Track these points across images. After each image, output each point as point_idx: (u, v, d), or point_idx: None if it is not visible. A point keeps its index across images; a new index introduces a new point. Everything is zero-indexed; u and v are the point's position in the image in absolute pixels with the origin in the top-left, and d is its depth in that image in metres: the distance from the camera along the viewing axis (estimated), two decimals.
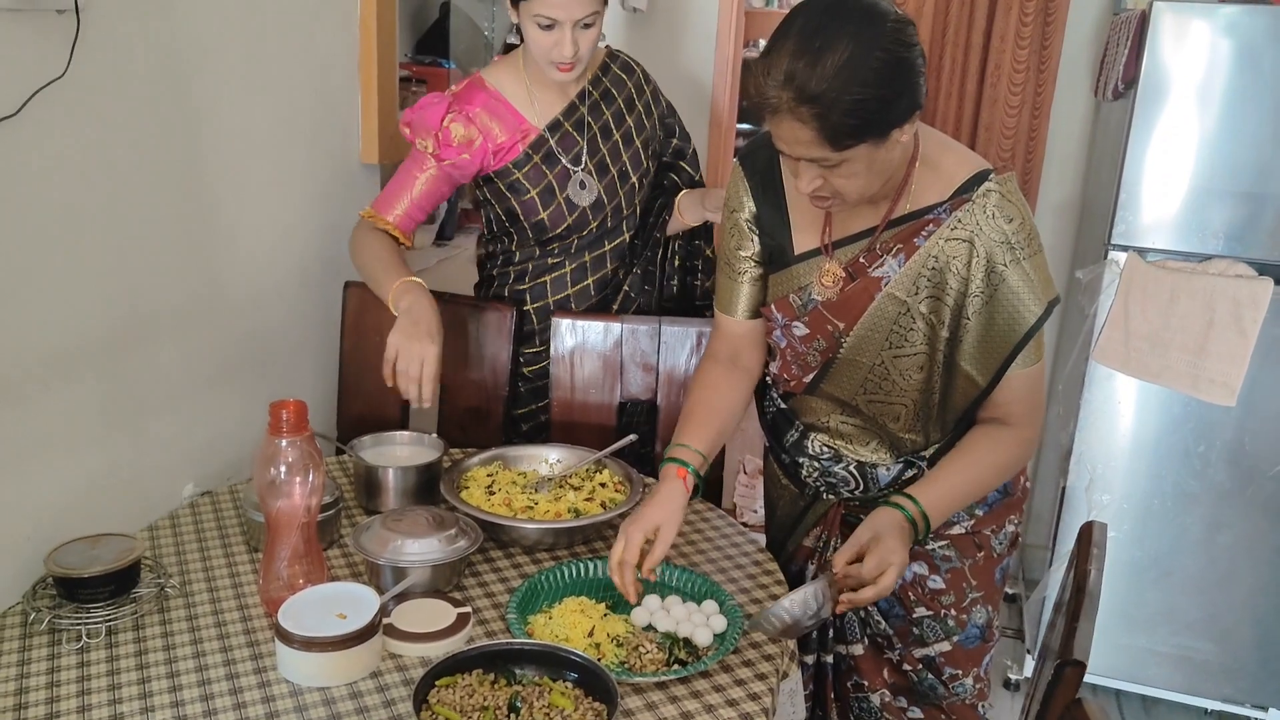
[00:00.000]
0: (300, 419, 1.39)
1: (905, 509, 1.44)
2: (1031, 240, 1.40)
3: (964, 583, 1.63)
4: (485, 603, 1.48)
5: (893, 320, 1.45)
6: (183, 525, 1.65)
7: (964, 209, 1.38)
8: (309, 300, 2.05)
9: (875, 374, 1.50)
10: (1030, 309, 1.40)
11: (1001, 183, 1.39)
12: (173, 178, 1.63)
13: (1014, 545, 1.69)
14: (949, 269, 1.39)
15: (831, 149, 1.27)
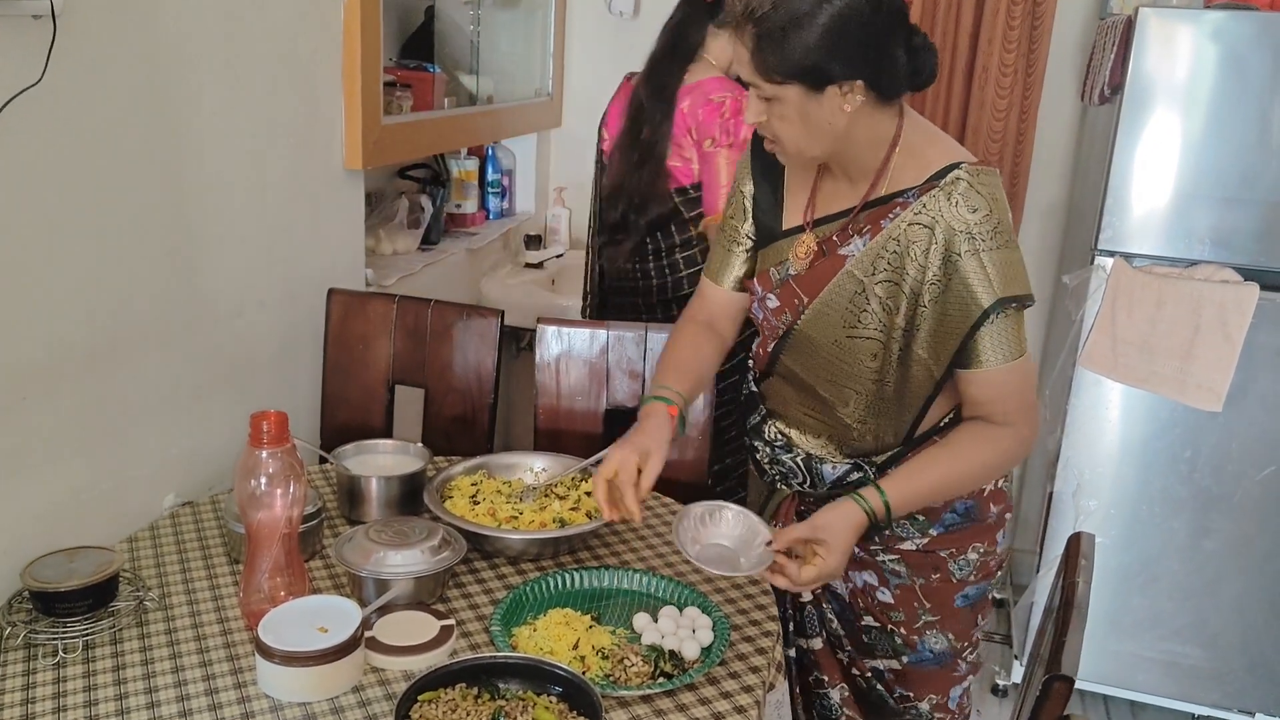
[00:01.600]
0: (281, 430, 1.38)
1: (867, 505, 1.41)
2: (997, 233, 1.36)
3: (915, 602, 1.60)
4: (469, 614, 1.46)
5: (849, 298, 1.45)
6: (163, 536, 1.63)
7: (930, 194, 1.38)
8: (292, 308, 2.03)
9: (830, 354, 1.49)
10: (979, 301, 1.37)
11: (974, 173, 1.38)
12: (153, 186, 1.61)
13: (987, 575, 1.62)
14: (908, 254, 1.40)
15: (762, 77, 1.33)
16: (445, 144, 2.65)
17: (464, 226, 3.03)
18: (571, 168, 3.51)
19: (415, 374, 2.04)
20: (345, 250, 2.21)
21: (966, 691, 1.69)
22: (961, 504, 1.56)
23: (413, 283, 2.48)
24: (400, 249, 2.61)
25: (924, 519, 1.56)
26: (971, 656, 1.66)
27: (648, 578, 1.54)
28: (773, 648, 1.44)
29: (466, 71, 2.89)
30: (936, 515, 1.56)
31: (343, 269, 2.20)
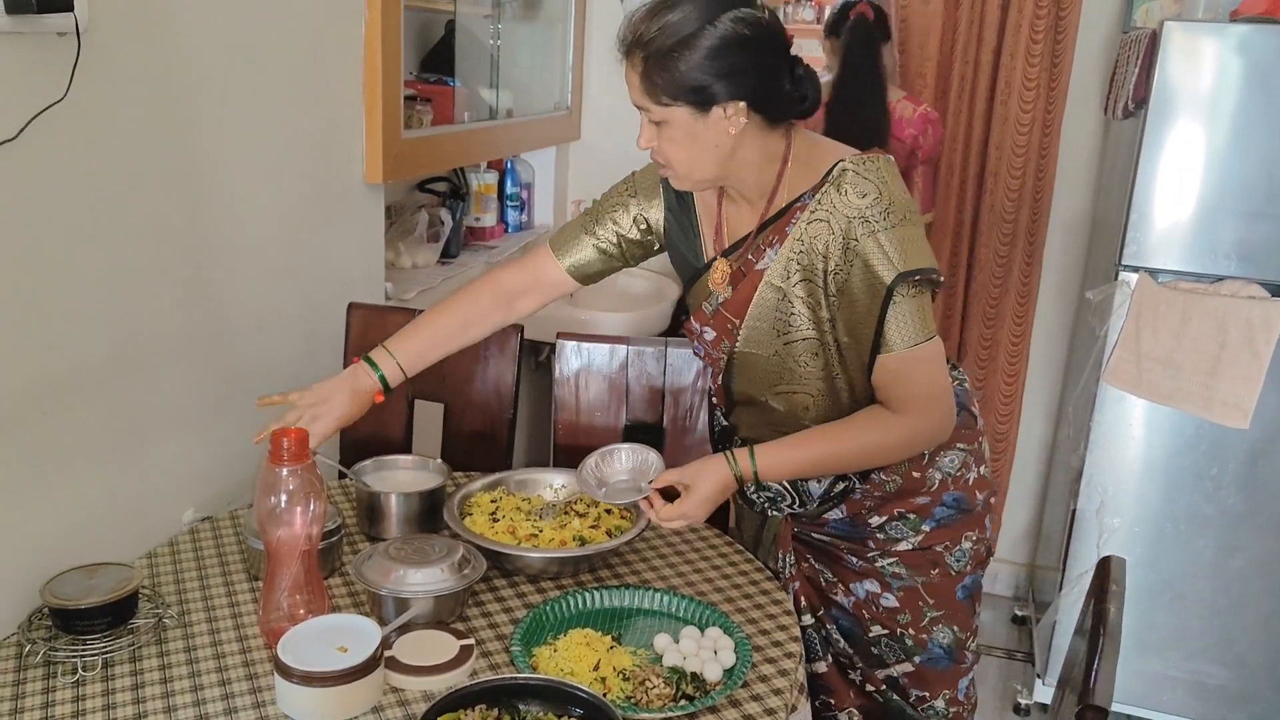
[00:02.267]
0: (301, 447, 1.37)
1: (735, 466, 1.48)
2: (891, 213, 1.39)
3: (919, 601, 1.61)
4: (489, 634, 1.45)
5: (774, 307, 1.48)
6: (182, 552, 1.63)
7: (822, 191, 1.43)
8: (312, 322, 2.03)
9: (774, 365, 1.52)
10: (882, 279, 1.39)
11: (859, 162, 1.42)
12: (174, 200, 1.61)
13: (980, 563, 1.64)
14: (813, 250, 1.43)
15: (651, 100, 1.39)
16: (465, 157, 2.64)
17: (483, 240, 3.02)
18: (590, 181, 3.50)
19: (435, 389, 2.03)
20: (365, 264, 2.21)
21: (972, 682, 1.70)
22: (950, 495, 1.58)
23: (431, 296, 2.48)
24: (420, 262, 2.61)
25: (915, 517, 1.58)
26: (974, 645, 1.68)
27: (668, 597, 1.53)
28: (795, 668, 1.42)
29: (486, 85, 2.89)
30: (927, 511, 1.58)
31: (362, 283, 2.20)
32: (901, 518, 1.59)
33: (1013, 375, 3.13)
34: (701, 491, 1.49)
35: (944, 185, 3.04)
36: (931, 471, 1.58)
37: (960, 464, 1.59)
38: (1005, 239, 3.00)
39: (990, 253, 3.02)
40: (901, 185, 1.44)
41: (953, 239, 3.06)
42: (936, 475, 1.58)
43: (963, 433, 1.59)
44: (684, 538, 1.76)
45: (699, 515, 1.50)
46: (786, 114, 1.45)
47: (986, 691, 2.87)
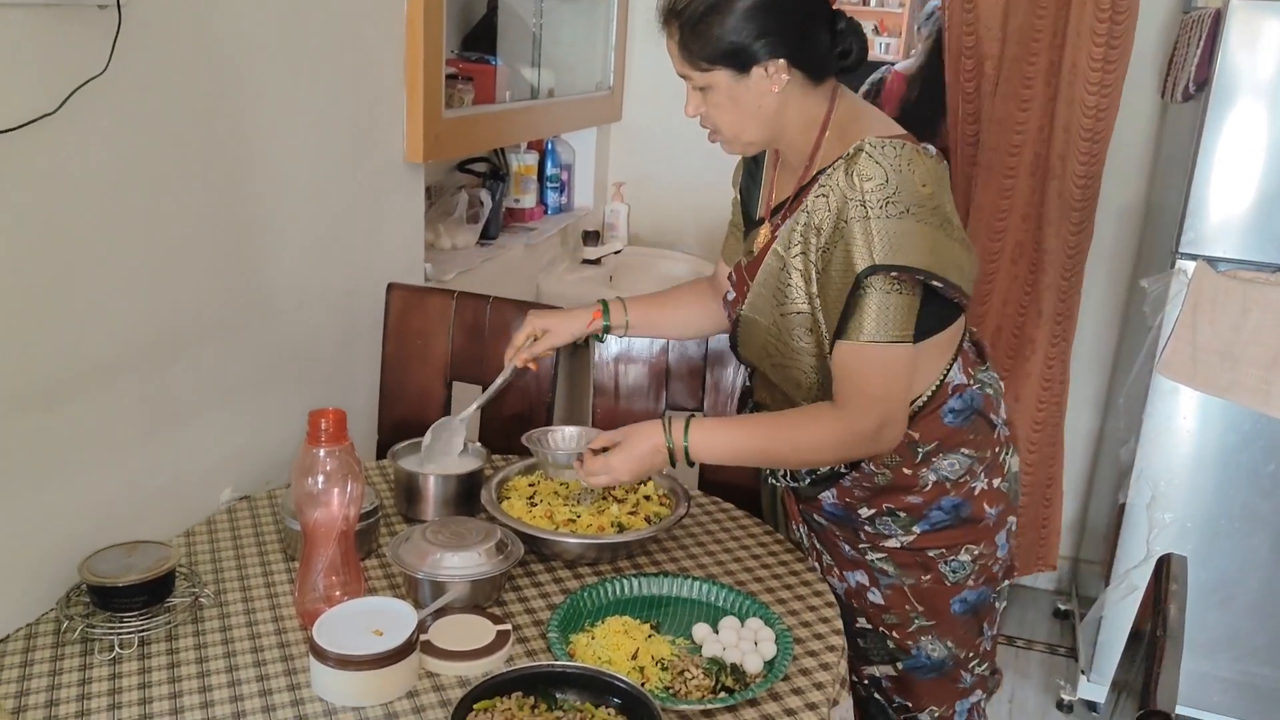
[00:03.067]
0: (339, 428, 1.35)
1: (668, 436, 1.45)
2: (892, 202, 1.33)
3: (906, 603, 1.56)
4: (526, 619, 1.43)
5: (775, 276, 1.46)
6: (219, 531, 1.62)
7: (833, 166, 1.39)
8: (351, 302, 2.01)
9: (772, 336, 1.49)
10: (855, 265, 1.34)
11: (877, 145, 1.36)
12: (214, 177, 1.60)
13: (988, 580, 1.57)
14: (812, 225, 1.41)
15: (691, 67, 1.40)
16: (506, 138, 2.62)
17: (522, 221, 3.00)
18: (631, 162, 3.48)
19: (473, 370, 2.01)
20: (405, 244, 2.19)
21: (978, 708, 1.63)
22: (949, 500, 1.52)
23: (471, 278, 2.46)
24: (459, 244, 2.59)
25: (906, 515, 1.53)
26: (980, 669, 1.61)
27: (708, 586, 1.50)
28: (837, 662, 1.39)
29: (528, 64, 2.86)
30: (919, 512, 1.52)
31: (402, 263, 2.18)
32: (891, 514, 1.54)
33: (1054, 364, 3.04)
34: (629, 448, 1.47)
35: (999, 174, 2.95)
36: (925, 471, 1.51)
37: (964, 470, 1.51)
38: (1074, 227, 2.88)
39: (1060, 244, 2.91)
40: (925, 178, 1.35)
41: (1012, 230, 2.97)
42: (931, 476, 1.51)
43: (970, 438, 1.51)
44: (723, 526, 1.73)
45: (623, 471, 1.47)
46: (828, 68, 1.43)
47: (1029, 687, 2.82)
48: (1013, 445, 1.59)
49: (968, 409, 1.51)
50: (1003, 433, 1.56)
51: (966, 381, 1.51)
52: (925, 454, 1.51)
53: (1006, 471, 1.56)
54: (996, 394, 1.56)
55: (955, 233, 1.41)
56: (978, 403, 1.52)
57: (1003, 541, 1.57)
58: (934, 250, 1.36)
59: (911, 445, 1.50)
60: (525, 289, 2.88)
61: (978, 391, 1.52)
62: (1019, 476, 1.60)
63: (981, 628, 1.59)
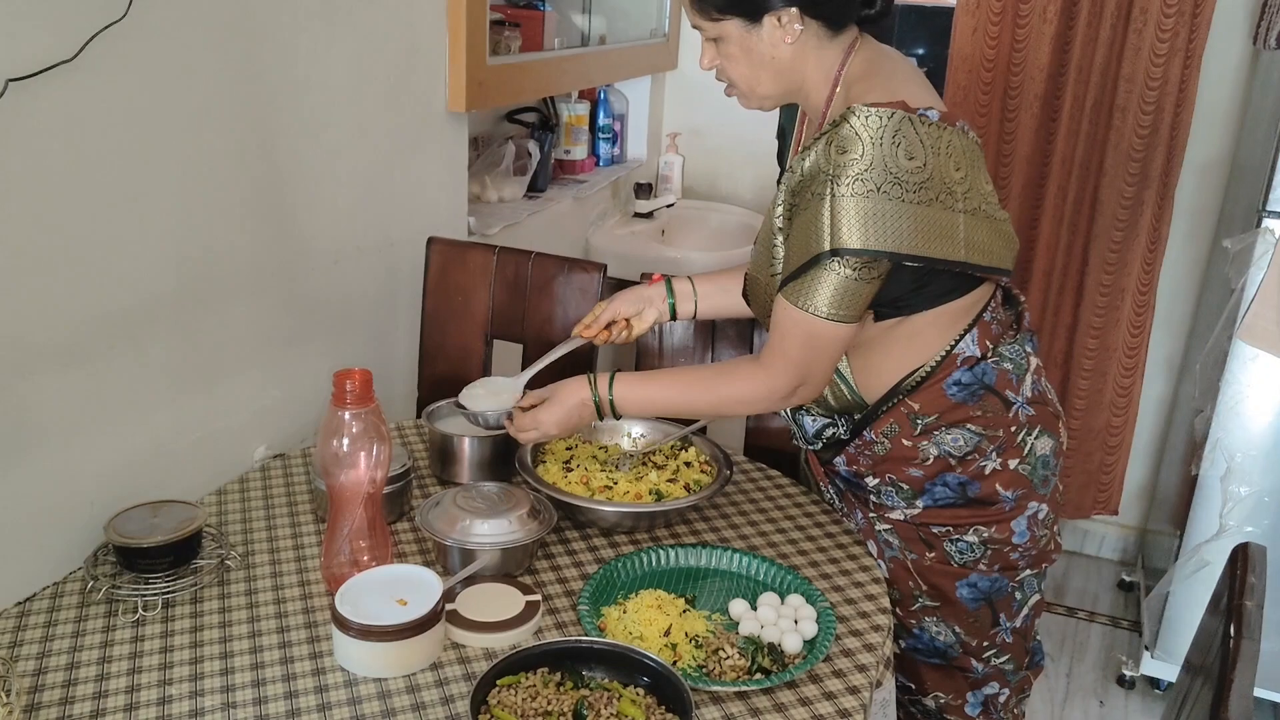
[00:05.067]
0: (366, 389, 1.30)
1: (594, 389, 1.46)
2: (861, 179, 1.24)
3: (909, 580, 1.49)
4: (557, 589, 1.38)
5: (769, 235, 1.40)
6: (251, 490, 1.59)
7: (820, 131, 1.31)
8: (391, 256, 1.96)
9: (767, 296, 1.43)
10: (816, 244, 1.27)
11: (864, 113, 1.26)
12: (245, 127, 1.55)
13: (1001, 567, 1.47)
14: (790, 188, 1.35)
15: (702, 16, 1.37)
16: (554, 86, 2.54)
17: (572, 174, 2.92)
18: (686, 113, 3.37)
19: (514, 328, 1.96)
20: (447, 197, 2.13)
21: (995, 701, 1.54)
22: (954, 477, 1.43)
23: (516, 232, 2.40)
24: (506, 196, 2.53)
25: (908, 488, 1.46)
26: (999, 660, 1.52)
27: (748, 559, 1.43)
28: (882, 643, 1.32)
29: (578, 10, 2.76)
30: (919, 485, 1.45)
31: (444, 216, 2.13)
32: (894, 484, 1.47)
33: (1138, 327, 2.91)
34: (556, 403, 1.47)
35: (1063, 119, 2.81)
36: (925, 444, 1.43)
37: (971, 448, 1.42)
38: (1133, 179, 2.76)
39: (1114, 194, 2.79)
40: (914, 149, 1.26)
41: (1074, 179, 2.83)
42: (932, 450, 1.43)
43: (976, 414, 1.42)
44: (767, 494, 1.66)
45: (550, 425, 1.47)
46: (848, 16, 1.36)
47: (1088, 661, 2.73)
48: (1041, 426, 1.46)
49: (976, 383, 1.42)
50: (1023, 412, 1.44)
51: (979, 355, 1.42)
52: (925, 426, 1.43)
53: (1027, 453, 1.45)
54: (1019, 370, 1.44)
55: (961, 203, 1.31)
56: (989, 378, 1.42)
57: (1022, 529, 1.46)
58: (916, 228, 1.27)
59: (911, 416, 1.43)
60: (573, 244, 2.82)
61: (992, 366, 1.42)
62: (1052, 461, 1.48)
63: (997, 618, 1.50)
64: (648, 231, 3.01)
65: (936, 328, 1.42)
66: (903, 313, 1.40)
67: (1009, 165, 2.87)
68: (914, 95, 1.33)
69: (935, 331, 1.42)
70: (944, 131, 1.31)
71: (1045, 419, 1.48)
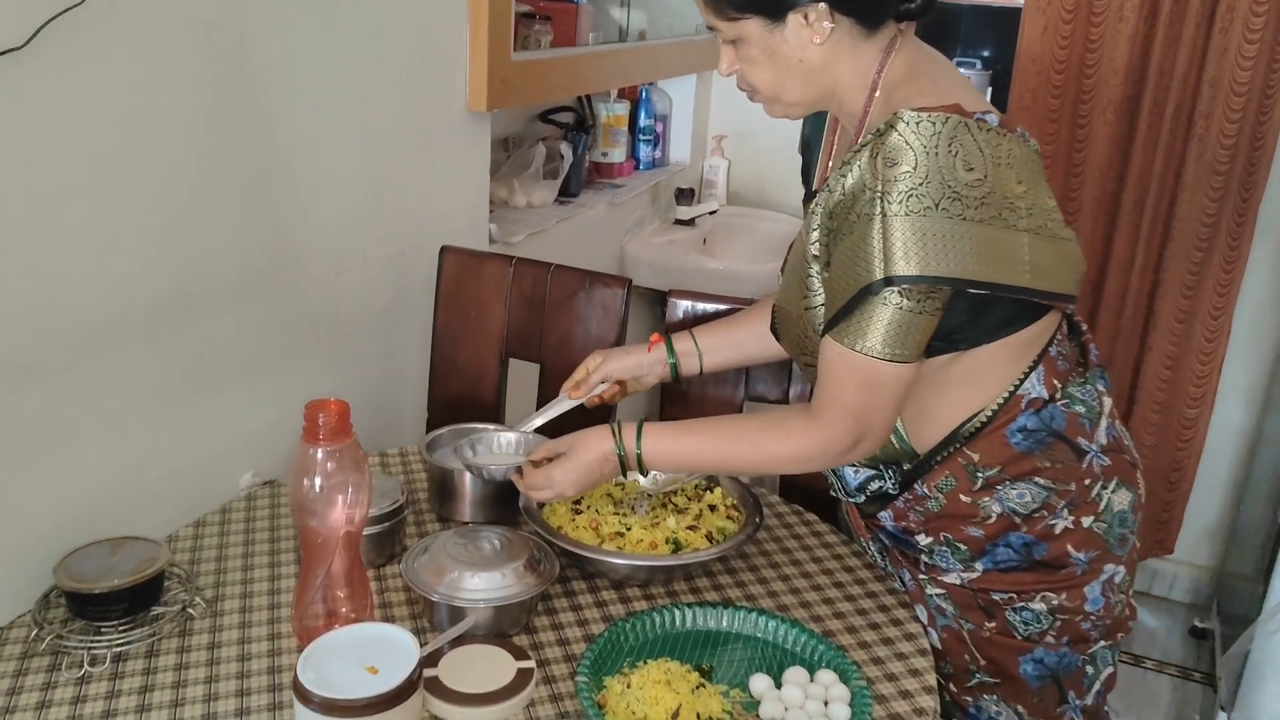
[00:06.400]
0: (342, 422, 1.15)
1: (618, 441, 1.28)
2: (916, 195, 1.08)
3: (965, 653, 1.31)
4: (556, 651, 1.22)
5: (801, 261, 1.24)
6: (234, 522, 1.46)
7: (863, 143, 1.14)
8: (400, 266, 1.82)
9: (799, 331, 1.28)
10: (866, 273, 1.10)
11: (914, 120, 1.09)
12: (232, 123, 1.41)
13: (1072, 639, 1.28)
14: (828, 209, 1.17)
15: (719, 16, 1.20)
16: (587, 84, 2.38)
17: (609, 178, 2.76)
18: (733, 114, 3.20)
19: (530, 347, 1.80)
20: (466, 203, 1.99)
21: None
22: (1019, 537, 1.25)
23: (543, 240, 2.24)
24: (535, 201, 2.38)
25: (966, 549, 1.28)
26: None
27: (775, 624, 1.26)
28: None
29: (616, 3, 2.60)
30: (980, 547, 1.27)
31: (462, 224, 1.98)
32: (950, 545, 1.29)
33: (1209, 353, 2.68)
34: (575, 458, 1.29)
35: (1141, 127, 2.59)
36: (987, 500, 1.25)
37: (1039, 504, 1.24)
38: (1216, 193, 2.54)
39: (1197, 210, 2.56)
40: (972, 158, 1.09)
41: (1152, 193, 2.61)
42: (994, 507, 1.24)
43: (1044, 466, 1.23)
44: (802, 542, 1.49)
45: (567, 485, 1.29)
46: (885, 12, 1.19)
47: (1155, 715, 2.50)
48: (1118, 478, 1.28)
49: (1044, 430, 1.23)
50: (1098, 462, 1.26)
51: (1047, 396, 1.24)
52: (987, 480, 1.24)
53: (1103, 510, 1.26)
54: (1091, 414, 1.26)
55: (1024, 220, 1.13)
56: (1058, 423, 1.24)
57: (1095, 595, 1.27)
58: (978, 250, 1.10)
59: (969, 468, 1.25)
60: (606, 253, 2.65)
61: (1060, 410, 1.24)
62: (1130, 518, 1.29)
63: (1065, 696, 1.31)
64: (688, 240, 2.84)
65: (996, 365, 1.24)
66: (958, 346, 1.22)
67: (1080, 176, 2.65)
68: (967, 98, 1.15)
69: (995, 369, 1.24)
70: (1003, 139, 1.13)
71: (1122, 469, 1.29)
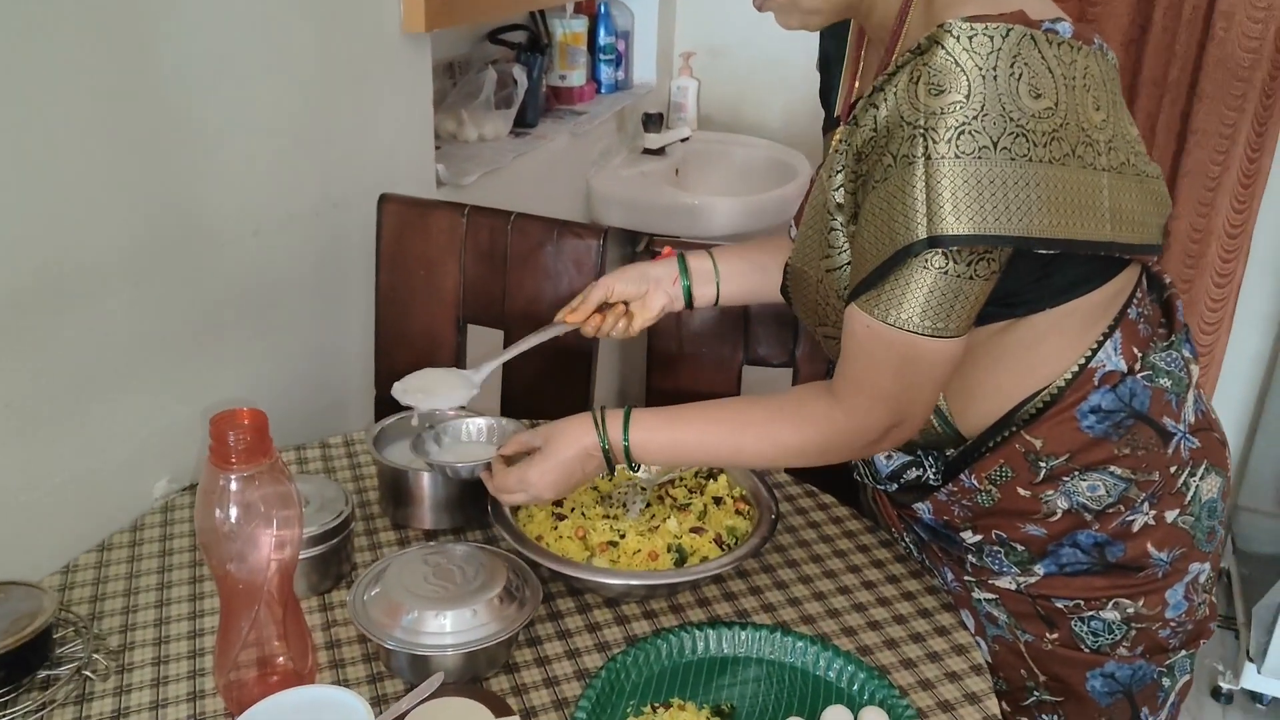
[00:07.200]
0: (259, 438, 0.91)
1: (602, 434, 1.07)
2: (970, 132, 0.84)
3: (1021, 668, 1.12)
4: (543, 696, 1.00)
5: (820, 213, 1.02)
6: (146, 541, 1.21)
7: (897, 61, 0.91)
8: (333, 221, 1.55)
9: (819, 295, 1.06)
10: (906, 231, 0.87)
11: (963, 31, 0.84)
12: (108, 60, 1.13)
13: (1148, 649, 1.09)
14: (855, 148, 0.94)
15: None
16: None
17: (569, 103, 2.48)
18: (702, 28, 2.91)
19: (492, 310, 1.55)
20: (407, 140, 1.71)
21: None
22: (1088, 536, 1.04)
23: (500, 180, 1.97)
24: (488, 134, 2.10)
25: (1024, 549, 1.07)
26: None
27: (804, 644, 1.05)
28: None
29: None
30: (1042, 548, 1.06)
31: (405, 165, 1.71)
32: (1004, 544, 1.09)
33: (1225, 275, 2.50)
34: (553, 456, 1.08)
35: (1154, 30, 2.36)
36: (1052, 494, 1.04)
37: (1115, 498, 1.03)
38: (1236, 102, 2.32)
39: (1215, 121, 2.34)
40: (1040, 83, 0.84)
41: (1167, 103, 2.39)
42: (1060, 502, 1.04)
43: (1123, 453, 1.02)
44: (822, 532, 1.28)
45: (543, 487, 1.08)
46: None
47: None
48: (1207, 462, 1.07)
49: (1123, 410, 1.02)
50: (1186, 446, 1.05)
51: (1126, 368, 1.02)
52: (1051, 471, 1.03)
53: (1189, 500, 1.06)
54: (1179, 387, 1.05)
55: (1104, 157, 0.90)
56: (1140, 401, 1.02)
57: (1178, 599, 1.08)
58: (1048, 199, 0.86)
59: (1030, 457, 1.03)
60: (571, 190, 2.39)
61: (1143, 384, 1.02)
62: (1219, 507, 1.09)
63: (1138, 713, 1.12)
64: (660, 172, 2.57)
65: (1063, 333, 1.01)
66: (1017, 312, 1.00)
67: None
68: (1031, 2, 0.90)
69: (1062, 338, 1.02)
70: (1079, 54, 0.88)
71: (1212, 450, 1.08)
